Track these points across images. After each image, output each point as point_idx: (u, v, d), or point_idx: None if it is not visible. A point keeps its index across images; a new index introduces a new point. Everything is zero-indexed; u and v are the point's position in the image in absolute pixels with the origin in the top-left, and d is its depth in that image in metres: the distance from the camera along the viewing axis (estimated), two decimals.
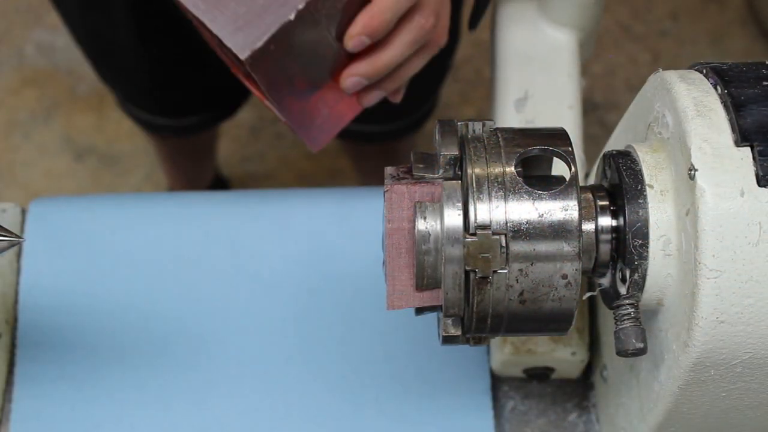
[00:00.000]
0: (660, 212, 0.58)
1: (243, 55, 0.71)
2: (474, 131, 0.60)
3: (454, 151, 0.58)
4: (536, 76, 0.85)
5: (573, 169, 0.58)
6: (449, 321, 0.60)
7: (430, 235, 0.58)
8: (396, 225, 0.59)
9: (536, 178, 0.59)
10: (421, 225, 0.58)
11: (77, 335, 0.83)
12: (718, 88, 0.57)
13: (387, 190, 0.59)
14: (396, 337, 0.83)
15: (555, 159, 0.60)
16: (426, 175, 0.59)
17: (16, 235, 0.63)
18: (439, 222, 0.57)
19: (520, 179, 0.57)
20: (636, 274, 0.59)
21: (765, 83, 0.57)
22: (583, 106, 0.85)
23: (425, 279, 0.59)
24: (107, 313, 0.84)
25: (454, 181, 0.58)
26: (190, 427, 0.81)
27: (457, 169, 0.58)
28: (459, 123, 0.60)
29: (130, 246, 0.86)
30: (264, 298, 0.85)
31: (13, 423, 0.80)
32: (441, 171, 0.59)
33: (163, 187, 1.84)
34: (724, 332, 0.55)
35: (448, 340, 0.60)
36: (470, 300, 0.58)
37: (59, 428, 0.80)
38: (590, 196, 0.61)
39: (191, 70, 1.17)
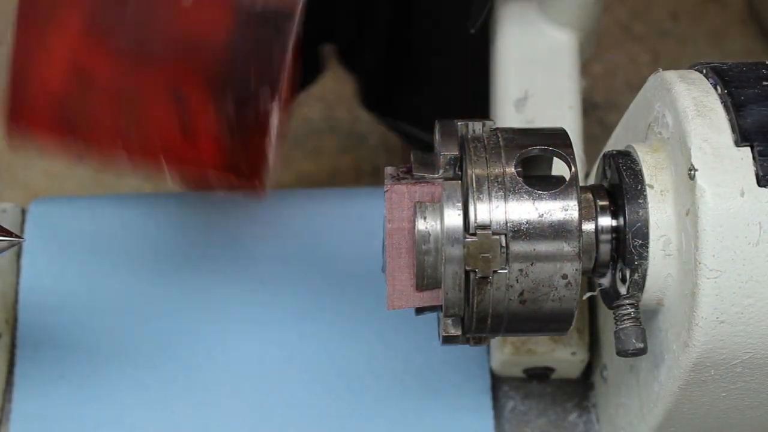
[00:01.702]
0: (660, 212, 0.58)
1: None
2: (474, 131, 0.60)
3: (454, 151, 0.58)
4: (536, 76, 0.85)
5: (573, 169, 0.58)
6: (449, 321, 0.60)
7: (430, 235, 0.58)
8: (396, 225, 0.59)
9: (536, 178, 0.59)
10: (421, 225, 0.58)
11: (77, 335, 0.83)
12: (718, 88, 0.57)
13: (387, 190, 0.59)
14: (396, 337, 0.83)
15: (555, 159, 0.60)
16: (426, 175, 0.59)
17: (16, 235, 0.63)
18: (439, 222, 0.57)
19: (520, 179, 0.57)
20: (636, 274, 0.59)
21: (765, 83, 0.57)
22: (583, 106, 0.85)
23: (425, 279, 0.59)
24: (107, 313, 0.84)
25: (454, 181, 0.58)
26: (190, 427, 0.81)
27: (457, 169, 0.58)
28: (459, 123, 0.60)
29: (130, 246, 0.86)
30: (264, 298, 0.85)
31: (13, 423, 0.80)
32: (441, 171, 0.59)
33: (162, 187, 1.84)
34: (724, 332, 0.55)
35: (448, 340, 0.60)
36: (470, 300, 0.58)
37: (59, 428, 0.80)
38: (590, 196, 0.61)
39: None
